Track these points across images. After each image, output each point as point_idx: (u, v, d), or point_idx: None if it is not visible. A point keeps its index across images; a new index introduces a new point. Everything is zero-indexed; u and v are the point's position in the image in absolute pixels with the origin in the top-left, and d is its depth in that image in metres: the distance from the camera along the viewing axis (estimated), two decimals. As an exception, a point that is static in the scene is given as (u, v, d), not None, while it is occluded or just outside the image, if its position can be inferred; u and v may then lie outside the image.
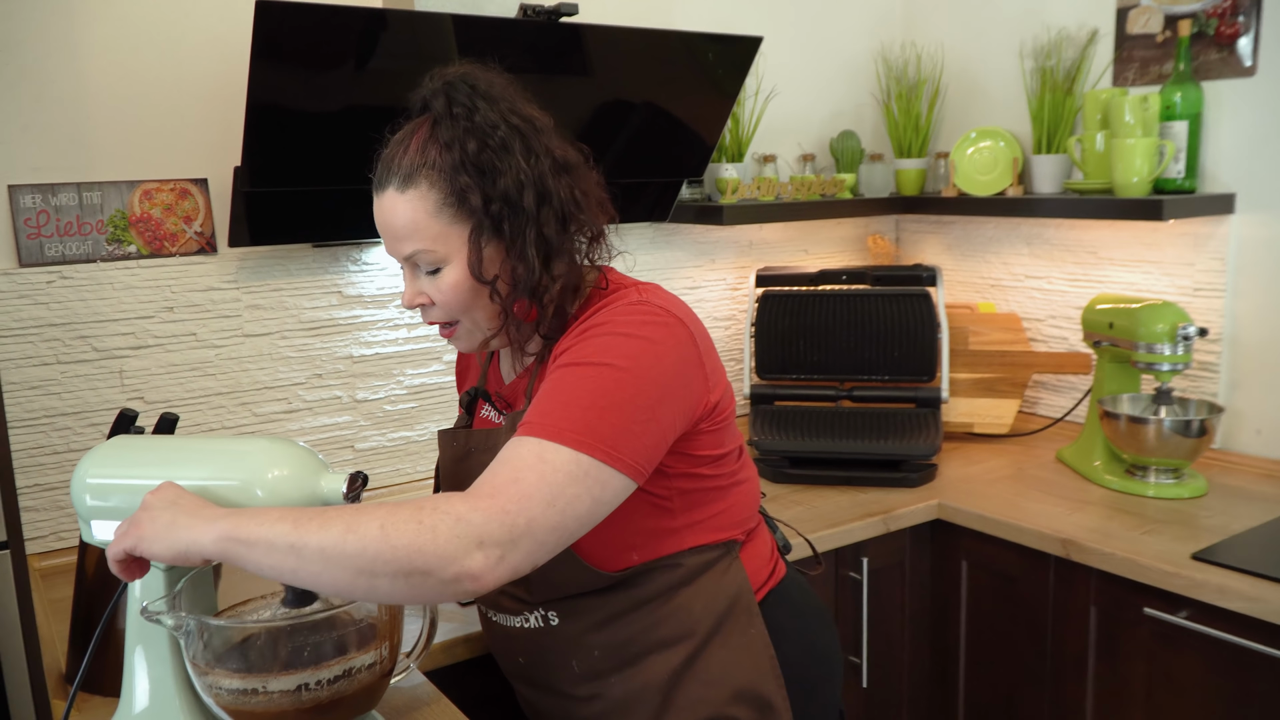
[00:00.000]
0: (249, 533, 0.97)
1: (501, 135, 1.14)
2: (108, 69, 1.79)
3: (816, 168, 2.71)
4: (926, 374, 2.35)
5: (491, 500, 0.99)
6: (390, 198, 1.16)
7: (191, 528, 0.98)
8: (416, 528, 0.95)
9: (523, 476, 1.01)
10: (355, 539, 0.95)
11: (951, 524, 2.02)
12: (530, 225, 1.15)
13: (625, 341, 1.13)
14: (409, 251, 1.17)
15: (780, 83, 2.59)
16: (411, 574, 0.95)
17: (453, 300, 1.19)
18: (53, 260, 1.78)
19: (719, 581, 1.28)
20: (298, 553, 0.96)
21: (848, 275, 2.43)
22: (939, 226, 2.81)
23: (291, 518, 0.97)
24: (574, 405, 1.07)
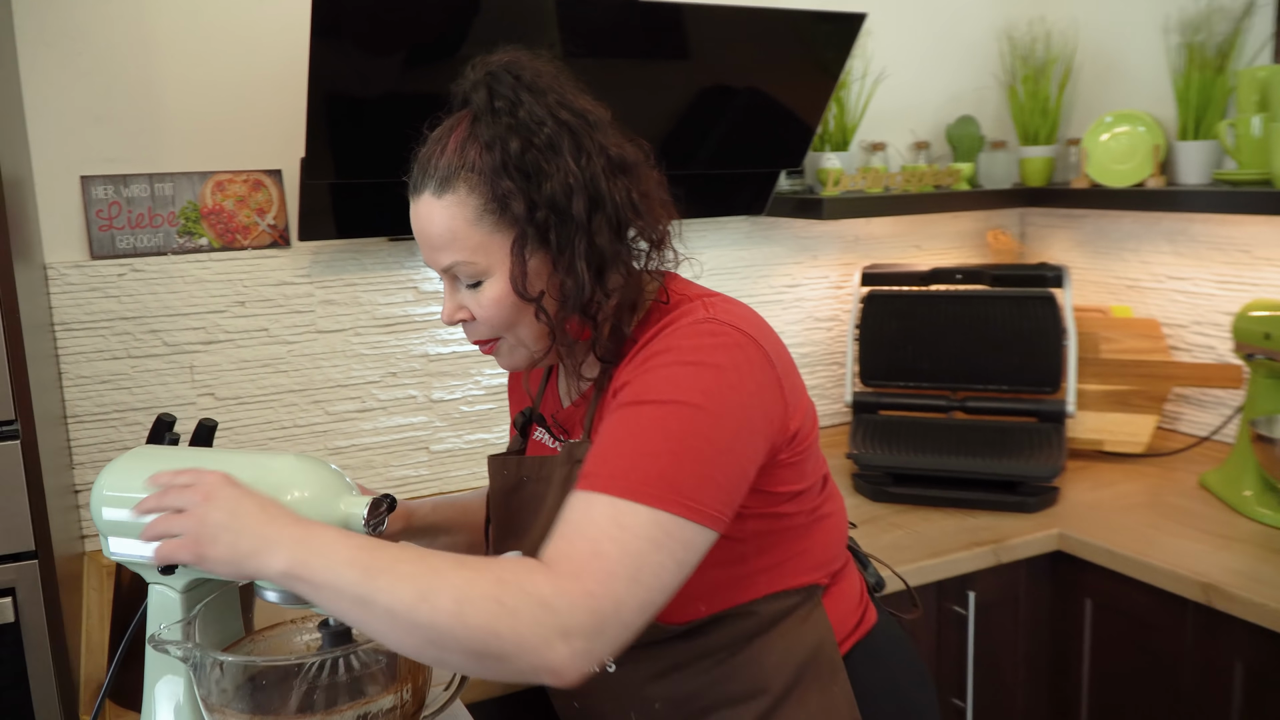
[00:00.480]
0: (315, 574, 0.89)
1: (548, 133, 1.01)
2: (180, 58, 1.74)
3: (931, 156, 2.51)
4: (1050, 384, 2.13)
5: (576, 582, 0.87)
6: (426, 203, 1.04)
7: (256, 558, 0.91)
8: (495, 609, 0.85)
9: (604, 549, 0.89)
10: (427, 610, 0.85)
11: (1074, 557, 1.81)
12: (580, 234, 1.01)
13: (694, 372, 0.98)
14: (447, 263, 1.05)
15: (891, 64, 2.39)
16: (485, 657, 0.86)
17: (495, 316, 1.06)
18: (124, 253, 1.74)
19: (798, 631, 1.13)
20: (365, 607, 0.87)
21: (963, 274, 2.23)
22: (1068, 221, 2.57)
23: (362, 564, 0.88)
24: (646, 454, 0.94)
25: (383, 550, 0.90)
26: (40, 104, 1.66)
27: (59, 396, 1.70)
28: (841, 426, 2.41)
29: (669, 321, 1.05)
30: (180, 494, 0.96)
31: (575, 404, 1.17)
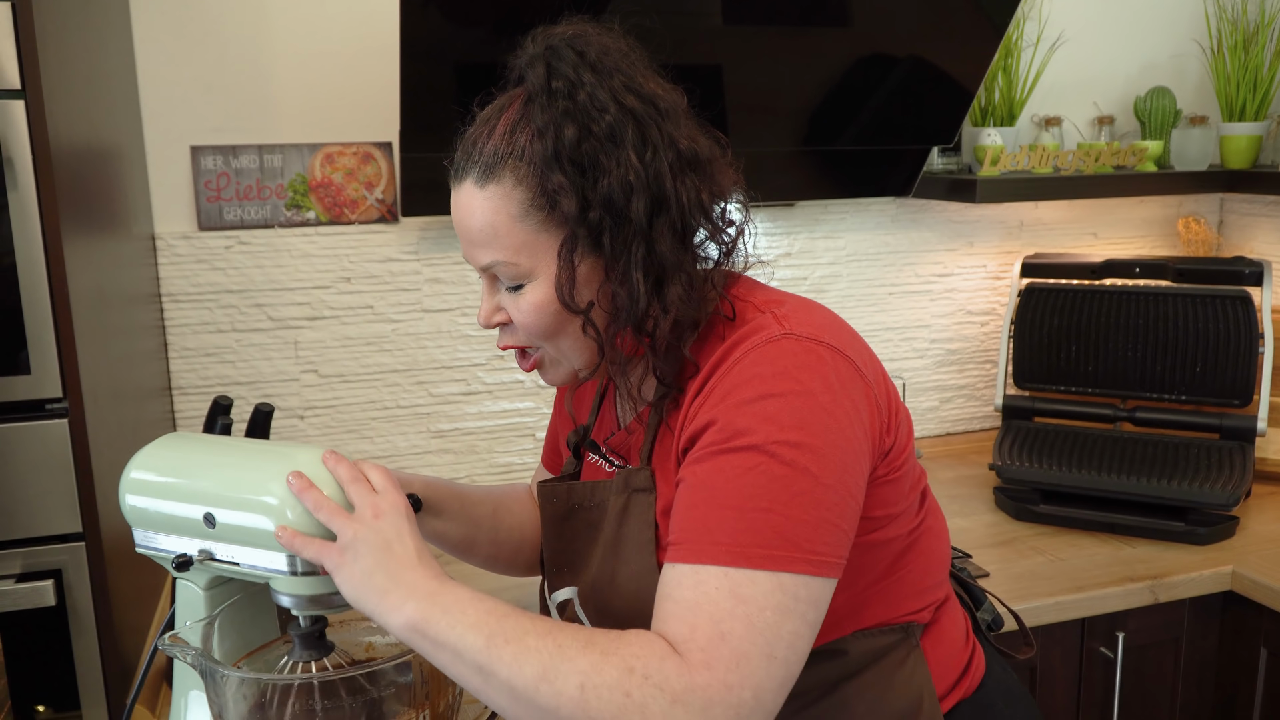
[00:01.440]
0: (438, 634, 0.83)
1: (610, 121, 0.87)
2: (290, 26, 1.71)
3: (1115, 133, 2.23)
4: (1238, 397, 1.85)
5: (710, 674, 0.77)
6: (467, 193, 0.92)
7: (384, 599, 0.85)
8: (622, 701, 0.77)
9: (729, 629, 0.79)
10: (550, 692, 0.78)
11: (1249, 600, 1.56)
12: (639, 240, 0.88)
13: (785, 404, 0.84)
14: (486, 261, 0.93)
15: (1071, 28, 2.13)
16: None
17: (535, 324, 0.93)
18: (231, 225, 1.73)
19: (892, 678, 0.97)
20: (485, 677, 0.81)
21: (1142, 268, 1.96)
22: (1276, 209, 2.23)
23: (488, 630, 0.81)
24: (751, 510, 0.82)
25: (511, 618, 0.82)
26: (152, 72, 1.66)
27: (164, 368, 1.70)
28: (988, 432, 2.18)
29: (738, 340, 0.90)
30: (360, 492, 0.91)
31: (631, 428, 1.04)
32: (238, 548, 0.95)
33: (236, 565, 0.96)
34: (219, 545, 0.96)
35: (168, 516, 0.98)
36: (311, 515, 0.90)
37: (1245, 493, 1.71)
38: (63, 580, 1.15)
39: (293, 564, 0.92)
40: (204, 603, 1.01)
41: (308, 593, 0.92)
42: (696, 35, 1.67)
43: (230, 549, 0.96)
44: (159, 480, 0.99)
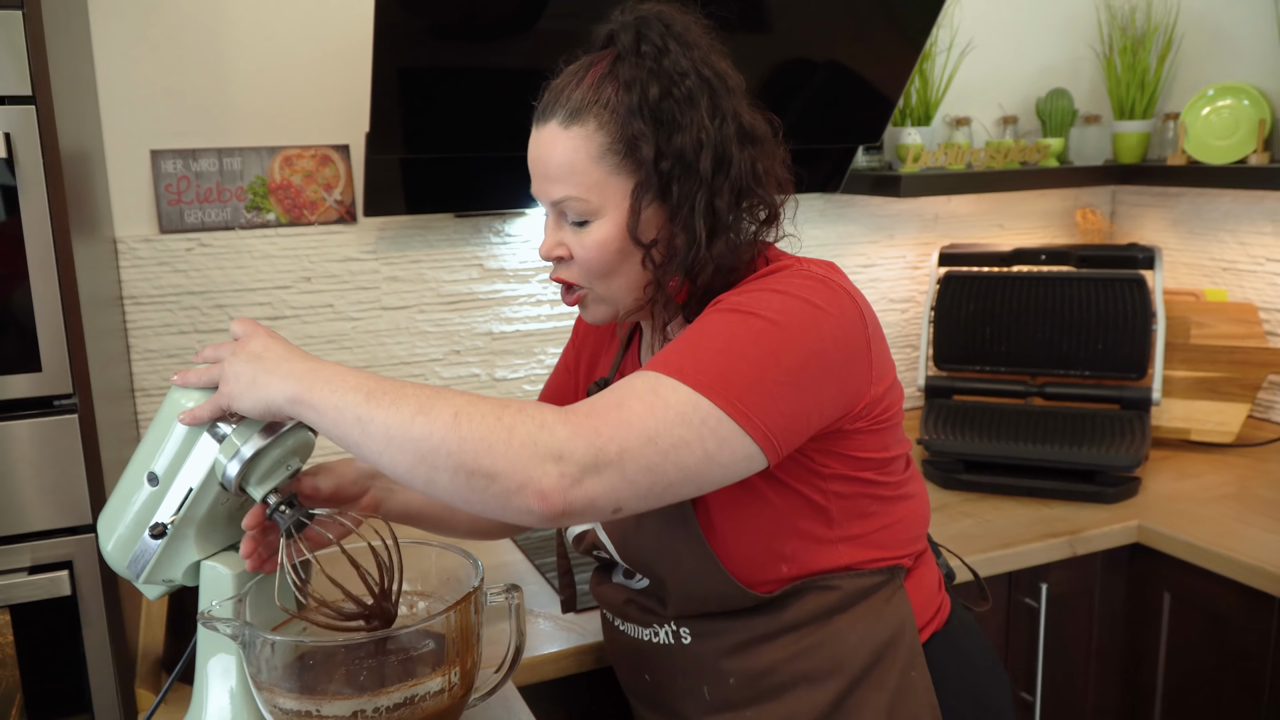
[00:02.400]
0: (319, 398, 0.91)
1: (689, 86, 0.99)
2: (250, 31, 1.75)
3: (1019, 131, 2.41)
4: (1135, 371, 2.04)
5: (586, 419, 0.87)
6: (550, 132, 1.02)
7: (269, 385, 0.93)
8: (493, 424, 0.86)
9: (627, 404, 0.89)
10: (424, 421, 0.86)
11: (1153, 550, 1.73)
12: (702, 192, 0.99)
13: (784, 299, 0.97)
14: (559, 196, 1.03)
15: (979, 35, 2.30)
16: (475, 474, 0.86)
17: (596, 260, 1.03)
18: (192, 227, 1.76)
19: (880, 612, 1.10)
20: (363, 427, 0.89)
21: (1047, 255, 2.14)
22: (1163, 200, 2.45)
23: (367, 388, 0.90)
24: (706, 347, 0.93)
25: (389, 381, 0.91)
26: (112, 77, 1.68)
27: (126, 370, 1.73)
28: (914, 411, 2.34)
29: (770, 270, 1.04)
30: (218, 348, 0.99)
31: None
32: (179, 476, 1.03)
33: (191, 490, 1.03)
34: (170, 491, 1.04)
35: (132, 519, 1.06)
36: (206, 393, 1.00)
37: (1145, 456, 1.89)
38: (74, 571, 1.19)
39: (214, 432, 1.01)
40: (232, 583, 1.08)
41: (245, 444, 1.00)
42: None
43: (177, 484, 1.03)
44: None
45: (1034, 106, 2.41)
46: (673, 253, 1.02)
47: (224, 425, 1.03)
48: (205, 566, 1.09)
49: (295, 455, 1.08)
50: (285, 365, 0.94)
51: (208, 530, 1.10)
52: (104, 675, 1.22)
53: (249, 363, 0.95)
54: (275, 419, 0.98)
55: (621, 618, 1.20)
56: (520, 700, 1.24)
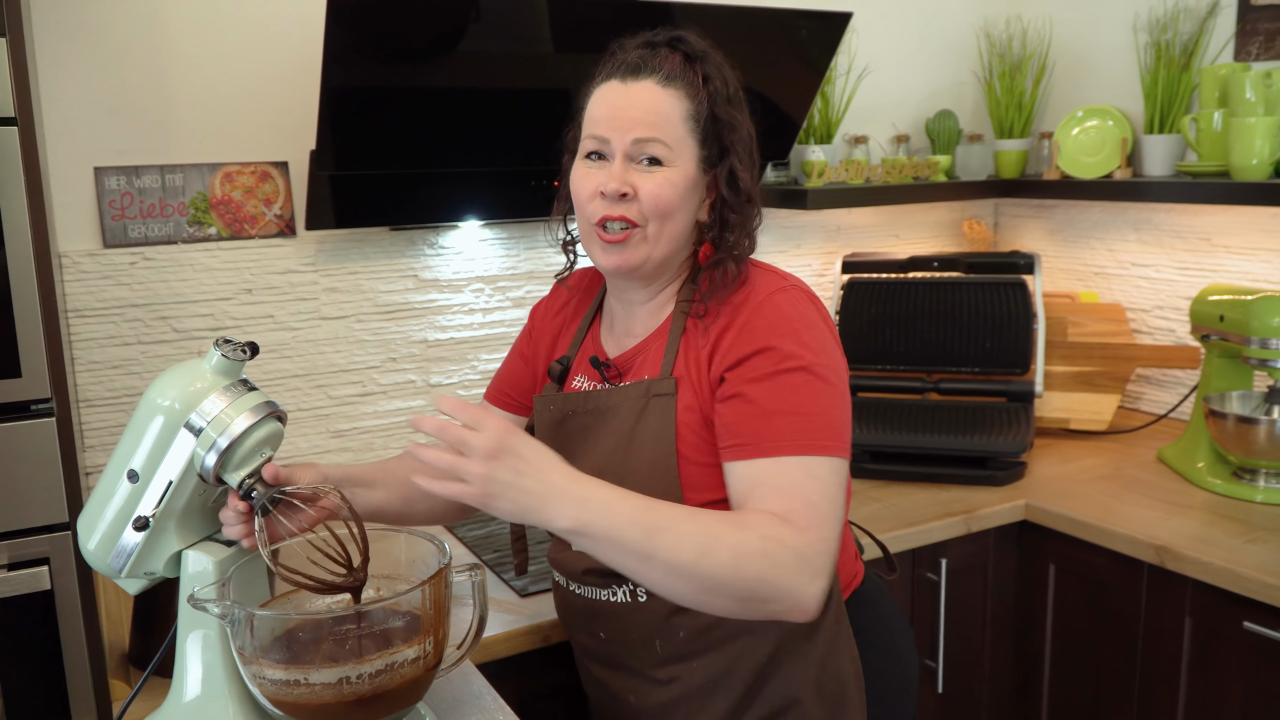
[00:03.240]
0: (600, 531, 1.01)
1: (739, 92, 1.22)
2: (192, 52, 1.82)
3: (911, 149, 2.61)
4: (1020, 366, 2.24)
5: (816, 532, 1.06)
6: (648, 88, 1.18)
7: (541, 510, 1.01)
8: (766, 562, 1.02)
9: (814, 501, 1.07)
10: (708, 564, 1.01)
11: (1039, 526, 1.93)
12: (738, 180, 1.20)
13: (813, 336, 1.15)
14: (644, 136, 1.17)
15: (874, 60, 2.49)
16: (751, 600, 1.04)
17: (660, 196, 1.17)
18: (136, 241, 1.82)
19: None
20: (646, 561, 1.02)
21: (939, 262, 2.33)
22: (1040, 211, 2.68)
23: (643, 524, 1.01)
24: (806, 414, 1.11)
25: (656, 510, 1.03)
26: (56, 96, 1.73)
27: (71, 382, 1.77)
28: (822, 408, 2.51)
29: (751, 288, 1.20)
30: (466, 437, 1.01)
31: (633, 352, 1.27)
32: (159, 471, 1.12)
33: (171, 482, 1.12)
34: (151, 485, 1.12)
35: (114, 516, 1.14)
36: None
37: (1030, 443, 2.08)
38: (51, 568, 1.25)
39: (191, 426, 1.10)
40: (214, 569, 1.16)
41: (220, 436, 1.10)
42: (537, 62, 1.90)
43: (158, 478, 1.12)
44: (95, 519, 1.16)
45: (924, 126, 2.61)
46: (712, 218, 1.21)
47: (199, 419, 1.12)
48: (187, 555, 1.17)
49: (266, 444, 1.17)
50: (551, 490, 1.01)
51: (187, 521, 1.18)
52: (80, 667, 1.27)
53: (514, 477, 1.01)
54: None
55: (579, 583, 1.30)
56: (479, 674, 1.35)
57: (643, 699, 1.28)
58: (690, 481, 1.18)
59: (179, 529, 1.17)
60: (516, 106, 1.92)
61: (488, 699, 1.30)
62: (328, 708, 1.07)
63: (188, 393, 1.14)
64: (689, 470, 1.18)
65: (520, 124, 1.94)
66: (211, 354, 1.14)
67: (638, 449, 1.20)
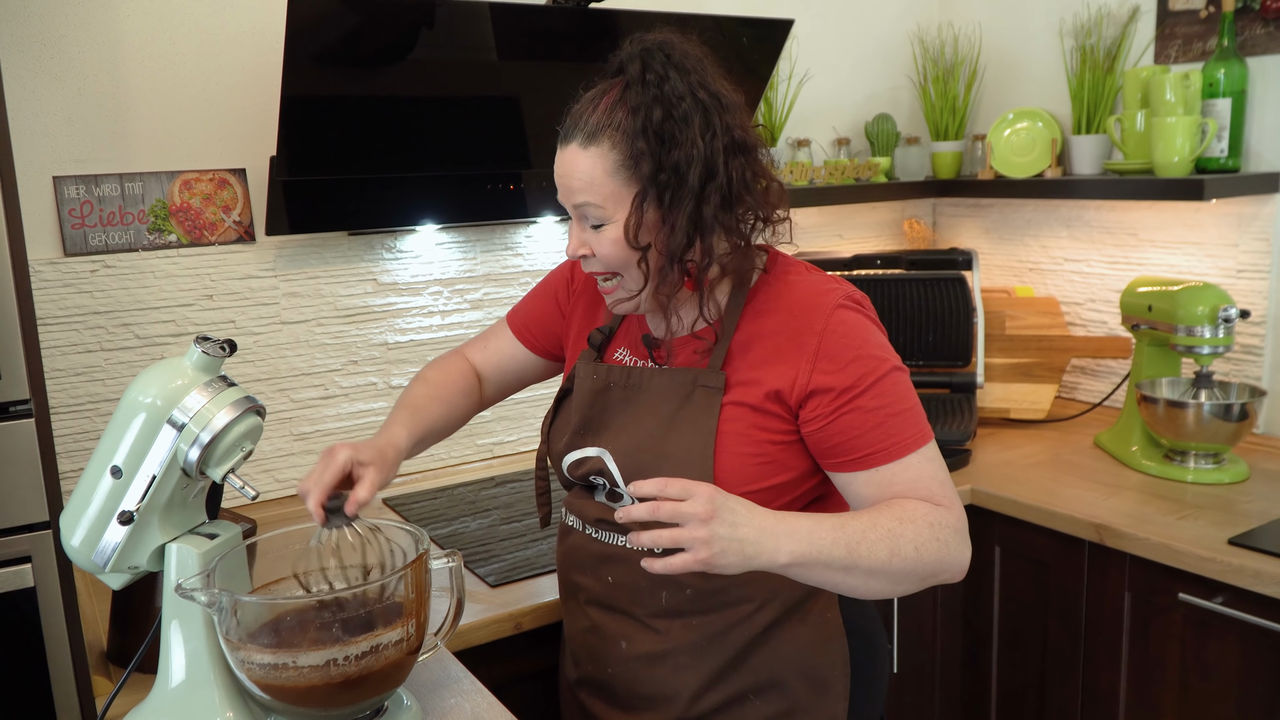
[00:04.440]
0: (813, 558, 1.10)
1: (685, 108, 1.16)
2: (147, 61, 1.83)
3: (851, 152, 2.70)
4: (961, 359, 2.33)
5: (957, 505, 1.20)
6: (573, 152, 1.20)
7: (761, 556, 1.08)
8: (938, 545, 1.16)
9: (942, 478, 1.21)
10: (899, 562, 1.13)
11: (984, 509, 2.01)
12: (690, 199, 1.17)
13: (880, 340, 1.24)
14: (579, 202, 1.20)
15: (814, 66, 2.57)
16: (927, 578, 1.17)
17: (610, 255, 1.21)
18: (96, 249, 1.83)
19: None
20: (847, 572, 1.12)
21: (882, 260, 2.42)
22: (976, 210, 2.78)
23: (844, 542, 1.11)
24: (904, 411, 1.21)
25: (848, 526, 1.12)
26: (13, 107, 1.73)
27: (39, 386, 1.78)
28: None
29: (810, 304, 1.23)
30: (681, 509, 1.05)
31: (684, 340, 1.30)
32: (142, 466, 1.15)
33: (154, 477, 1.15)
34: (134, 481, 1.15)
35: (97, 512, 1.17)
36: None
37: (973, 432, 2.17)
38: (34, 565, 1.27)
39: (174, 422, 1.14)
40: (198, 561, 1.19)
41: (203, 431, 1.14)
42: (485, 70, 1.95)
43: (141, 473, 1.15)
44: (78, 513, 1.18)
45: (863, 129, 2.70)
46: (670, 251, 1.19)
47: (181, 414, 1.15)
48: (170, 549, 1.20)
49: (247, 438, 1.20)
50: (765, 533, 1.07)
51: (168, 515, 1.21)
52: (63, 664, 1.29)
53: (732, 530, 1.06)
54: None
55: (598, 527, 1.34)
56: (455, 660, 1.39)
57: (634, 646, 1.32)
58: (731, 469, 1.23)
59: (162, 523, 1.20)
60: (468, 112, 1.97)
61: (465, 682, 1.34)
62: (314, 690, 1.11)
63: (169, 389, 1.16)
64: (733, 460, 1.23)
65: (473, 129, 1.98)
66: (192, 351, 1.18)
67: (677, 434, 1.24)
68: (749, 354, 1.25)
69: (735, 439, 1.23)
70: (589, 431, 1.33)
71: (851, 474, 1.21)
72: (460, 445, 2.22)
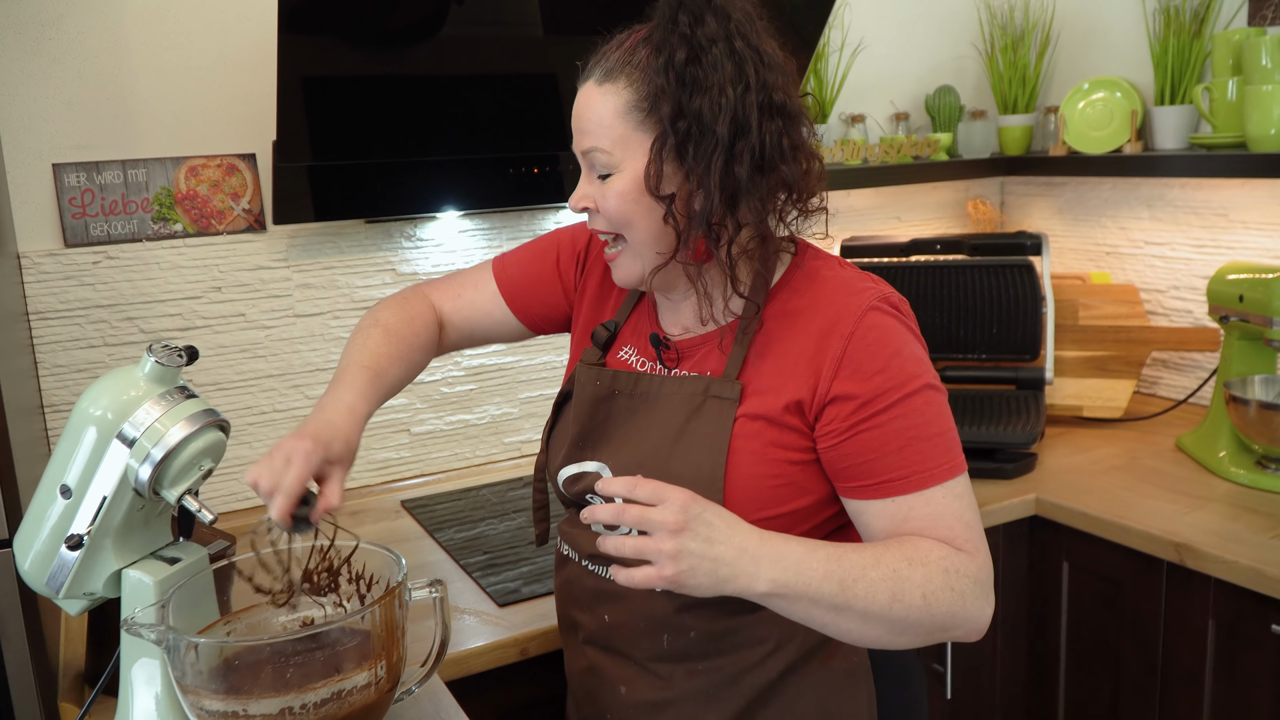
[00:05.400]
0: (796, 591, 0.97)
1: (717, 53, 1.02)
2: (149, 42, 1.74)
3: (911, 127, 2.51)
4: (1029, 352, 2.14)
5: (982, 553, 1.05)
6: (588, 90, 1.08)
7: (736, 579, 0.96)
8: (951, 596, 1.00)
9: (968, 520, 1.05)
10: (901, 608, 0.99)
11: (1051, 521, 1.83)
12: (720, 154, 1.02)
13: (912, 353, 1.08)
14: (586, 146, 1.08)
15: (869, 35, 2.39)
16: (935, 633, 1.02)
17: (615, 209, 1.08)
18: (98, 240, 1.74)
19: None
20: (839, 613, 0.98)
21: (942, 245, 2.23)
22: (1048, 189, 2.57)
23: (837, 577, 0.98)
24: (932, 437, 1.05)
25: (845, 559, 0.99)
26: (9, 92, 1.66)
27: (35, 386, 1.70)
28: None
29: (842, 305, 1.08)
30: (650, 515, 0.95)
31: (698, 341, 1.16)
32: (92, 485, 1.06)
33: (105, 498, 1.05)
34: (84, 501, 1.06)
35: (47, 534, 1.07)
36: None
37: (1040, 433, 1.99)
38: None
39: (124, 437, 1.04)
40: (154, 590, 1.08)
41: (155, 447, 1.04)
42: (526, 46, 1.81)
43: (91, 493, 1.06)
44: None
45: (924, 103, 2.51)
46: (691, 212, 1.05)
47: (132, 429, 1.04)
48: (126, 575, 1.10)
49: (206, 455, 1.09)
50: (743, 554, 0.95)
51: (125, 538, 1.11)
52: (26, 691, 1.20)
53: (705, 546, 0.94)
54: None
55: (594, 560, 1.20)
56: (448, 694, 1.26)
57: (634, 692, 1.18)
58: (743, 493, 1.08)
59: (116, 547, 1.10)
60: (498, 92, 1.84)
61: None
62: (273, 739, 1.00)
63: (120, 401, 1.06)
64: (746, 482, 1.08)
65: (503, 110, 1.85)
66: (145, 360, 1.07)
67: (684, 449, 1.10)
68: (769, 358, 1.10)
69: (749, 457, 1.08)
70: (588, 444, 1.19)
71: (865, 502, 1.06)
72: (486, 444, 2.10)
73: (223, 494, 1.87)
